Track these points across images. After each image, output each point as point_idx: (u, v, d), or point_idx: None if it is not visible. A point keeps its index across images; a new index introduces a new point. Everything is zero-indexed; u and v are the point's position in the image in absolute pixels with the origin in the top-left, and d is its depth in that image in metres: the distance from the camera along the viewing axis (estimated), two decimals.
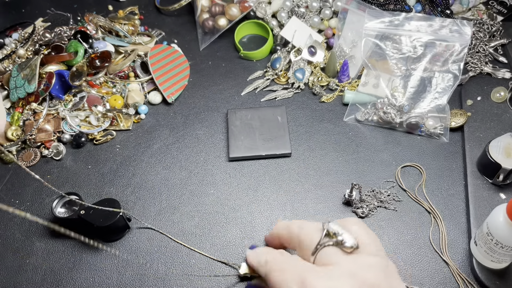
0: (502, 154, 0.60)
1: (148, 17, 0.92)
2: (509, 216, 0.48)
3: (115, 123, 0.74)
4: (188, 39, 0.88)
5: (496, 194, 0.62)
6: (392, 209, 0.62)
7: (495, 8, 0.87)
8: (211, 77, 0.81)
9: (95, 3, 0.95)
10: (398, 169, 0.67)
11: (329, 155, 0.69)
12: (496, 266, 0.54)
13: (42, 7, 0.94)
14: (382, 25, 0.73)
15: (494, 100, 0.73)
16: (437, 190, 0.64)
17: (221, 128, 0.73)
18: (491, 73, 0.77)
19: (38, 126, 0.71)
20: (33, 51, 0.80)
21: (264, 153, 0.68)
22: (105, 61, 0.76)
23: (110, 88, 0.77)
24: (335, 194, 0.64)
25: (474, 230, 0.58)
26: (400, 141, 0.70)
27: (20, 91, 0.73)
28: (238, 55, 0.84)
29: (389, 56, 0.73)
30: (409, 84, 0.72)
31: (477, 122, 0.70)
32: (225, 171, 0.68)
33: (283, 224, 0.44)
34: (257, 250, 0.46)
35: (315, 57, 0.80)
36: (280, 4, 0.84)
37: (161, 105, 0.77)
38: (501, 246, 0.50)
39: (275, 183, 0.66)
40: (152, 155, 0.70)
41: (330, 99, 0.76)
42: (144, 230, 0.62)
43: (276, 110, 0.72)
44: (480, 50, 0.80)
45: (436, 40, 0.71)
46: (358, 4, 0.78)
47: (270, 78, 0.79)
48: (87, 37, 0.78)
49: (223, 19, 0.84)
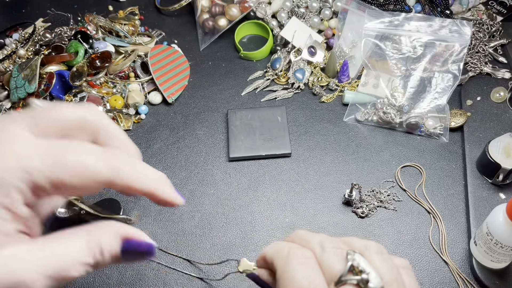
0: (502, 154, 0.60)
1: (148, 18, 0.92)
2: (508, 216, 0.48)
3: (116, 123, 0.74)
4: (188, 39, 0.88)
5: (495, 194, 0.62)
6: (392, 209, 0.62)
7: (494, 8, 0.87)
8: (211, 77, 0.81)
9: (95, 3, 0.95)
10: (398, 169, 0.67)
11: (329, 155, 0.69)
12: (496, 266, 0.54)
13: (42, 7, 0.95)
14: (382, 26, 0.73)
15: (493, 100, 0.73)
16: (437, 190, 0.64)
17: (221, 128, 0.73)
18: (490, 73, 0.77)
19: None
20: (34, 52, 0.80)
21: (264, 153, 0.68)
22: (106, 61, 0.76)
23: (110, 88, 0.77)
24: (335, 194, 0.64)
25: (474, 230, 0.58)
26: (400, 141, 0.70)
27: (20, 91, 0.73)
28: (238, 55, 0.84)
29: (389, 56, 0.73)
30: (409, 84, 0.72)
31: (476, 122, 0.70)
32: (225, 171, 0.68)
33: (301, 235, 0.38)
34: (278, 242, 0.42)
35: (315, 57, 0.80)
36: (280, 4, 0.84)
37: (161, 105, 0.77)
38: (501, 246, 0.50)
39: (275, 183, 0.66)
40: (152, 155, 0.70)
41: (330, 99, 0.76)
42: (144, 230, 0.61)
43: (276, 110, 0.73)
44: (480, 50, 0.80)
45: (435, 40, 0.71)
46: (358, 5, 0.78)
47: (270, 78, 0.79)
48: (88, 38, 0.78)
49: (223, 19, 0.84)
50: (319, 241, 0.34)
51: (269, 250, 0.35)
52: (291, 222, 0.62)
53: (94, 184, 0.29)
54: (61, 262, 0.27)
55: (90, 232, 0.30)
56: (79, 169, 0.27)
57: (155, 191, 0.31)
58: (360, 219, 0.62)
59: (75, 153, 0.28)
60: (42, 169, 0.27)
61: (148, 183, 0.31)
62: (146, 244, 0.32)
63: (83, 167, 0.28)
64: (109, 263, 0.30)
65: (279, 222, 0.62)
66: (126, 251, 0.31)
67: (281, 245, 0.35)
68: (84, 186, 0.28)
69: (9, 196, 0.26)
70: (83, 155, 0.28)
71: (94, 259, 0.29)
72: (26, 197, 0.27)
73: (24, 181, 0.26)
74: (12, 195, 0.26)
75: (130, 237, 0.31)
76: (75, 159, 0.27)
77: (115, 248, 0.30)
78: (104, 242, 0.30)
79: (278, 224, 0.62)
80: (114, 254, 0.30)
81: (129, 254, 0.31)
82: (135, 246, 0.31)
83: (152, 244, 0.32)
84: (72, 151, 0.28)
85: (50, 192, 0.28)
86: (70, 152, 0.28)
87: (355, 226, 0.61)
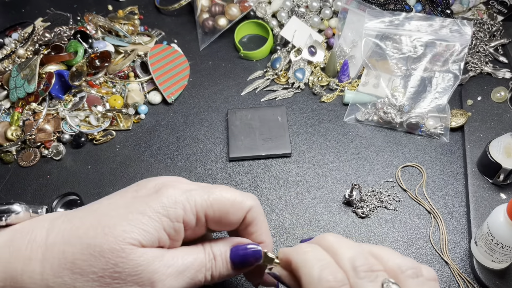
0: (503, 154, 0.60)
1: (148, 17, 0.92)
2: (509, 216, 0.48)
3: (115, 123, 0.74)
4: (188, 39, 0.88)
5: (496, 194, 0.62)
6: (393, 209, 0.62)
7: (495, 8, 0.87)
8: (211, 77, 0.81)
9: (95, 3, 0.95)
10: (398, 169, 0.66)
11: (329, 155, 0.69)
12: (497, 266, 0.54)
13: (41, 7, 0.94)
14: (382, 25, 0.73)
15: (494, 100, 0.73)
16: (438, 190, 0.64)
17: (221, 128, 0.73)
18: (491, 73, 0.77)
19: (38, 126, 0.71)
20: (33, 51, 0.80)
21: (264, 153, 0.68)
22: (105, 61, 0.76)
23: (110, 88, 0.76)
24: (335, 194, 0.64)
25: (475, 230, 0.58)
26: (400, 141, 0.70)
27: (19, 91, 0.73)
28: (238, 55, 0.84)
29: (389, 56, 0.73)
30: (409, 84, 0.72)
31: (477, 122, 0.70)
32: (225, 171, 0.68)
33: (330, 243, 0.35)
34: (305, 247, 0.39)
35: (315, 57, 0.79)
36: (280, 4, 0.84)
37: (161, 105, 0.77)
38: (502, 246, 0.50)
39: (275, 183, 0.66)
40: (152, 155, 0.70)
41: (330, 99, 0.76)
42: None
43: (276, 110, 0.72)
44: (481, 50, 0.80)
45: (436, 40, 0.71)
46: (358, 4, 0.78)
47: (270, 78, 0.79)
48: (87, 37, 0.78)
49: (223, 19, 0.84)
50: (350, 258, 0.32)
51: (299, 260, 0.34)
52: (291, 222, 0.62)
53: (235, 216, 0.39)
54: (193, 266, 0.37)
55: (205, 244, 0.39)
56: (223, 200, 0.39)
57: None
58: (360, 219, 0.61)
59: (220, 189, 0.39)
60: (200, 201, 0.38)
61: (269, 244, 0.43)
62: (252, 248, 0.39)
63: (226, 199, 0.39)
64: (225, 271, 0.38)
65: (279, 222, 0.62)
66: (236, 255, 0.38)
67: (310, 262, 0.33)
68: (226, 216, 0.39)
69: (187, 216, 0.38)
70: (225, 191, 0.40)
71: (210, 263, 0.38)
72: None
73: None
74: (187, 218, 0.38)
75: (239, 243, 0.39)
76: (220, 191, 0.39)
77: (225, 253, 0.38)
78: (215, 249, 0.38)
79: (278, 225, 0.61)
80: (225, 258, 0.38)
81: (238, 258, 0.38)
82: (242, 249, 0.39)
83: (258, 248, 0.38)
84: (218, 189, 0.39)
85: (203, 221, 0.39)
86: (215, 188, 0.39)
87: (355, 227, 0.61)
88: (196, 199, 0.37)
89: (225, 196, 0.39)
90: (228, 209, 0.38)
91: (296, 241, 0.60)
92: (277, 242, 0.60)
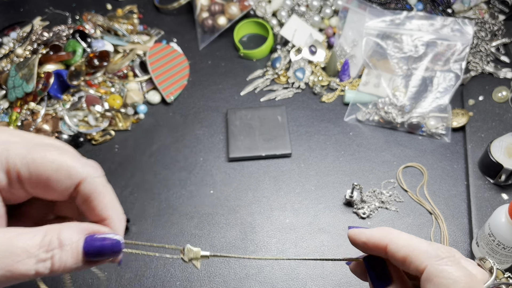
0: (504, 154, 0.60)
1: (147, 16, 0.92)
2: (511, 217, 0.47)
3: (114, 123, 0.73)
4: (188, 38, 0.87)
5: (498, 195, 0.61)
6: (394, 209, 0.62)
7: (496, 7, 0.87)
8: (211, 77, 0.80)
9: (94, 2, 0.94)
10: (400, 169, 0.66)
11: (329, 155, 0.68)
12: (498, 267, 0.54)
13: (40, 6, 0.94)
14: (383, 24, 0.72)
15: (496, 100, 0.72)
16: (439, 191, 0.64)
17: (220, 128, 0.73)
18: (493, 73, 0.76)
19: (36, 126, 0.70)
20: (31, 51, 0.80)
21: (264, 153, 0.67)
22: (104, 60, 0.76)
23: (108, 87, 0.76)
24: (335, 195, 0.64)
25: (476, 230, 0.58)
26: (401, 141, 0.69)
27: (18, 91, 0.73)
28: (237, 54, 0.83)
29: (390, 56, 0.73)
30: (411, 84, 0.72)
31: (478, 122, 0.69)
32: (224, 171, 0.67)
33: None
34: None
35: (316, 56, 0.79)
36: (280, 3, 0.84)
37: (160, 104, 0.77)
38: (503, 247, 0.50)
39: (275, 184, 0.65)
40: (151, 155, 0.70)
41: (331, 99, 0.76)
42: (143, 231, 0.61)
43: (276, 110, 0.72)
44: (482, 49, 0.80)
45: (437, 39, 0.71)
46: (359, 3, 0.78)
47: (270, 77, 0.79)
48: (86, 36, 0.77)
49: (223, 18, 0.84)
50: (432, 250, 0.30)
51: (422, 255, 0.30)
52: (291, 223, 0.61)
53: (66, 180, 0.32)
54: (7, 252, 0.26)
55: (51, 226, 0.29)
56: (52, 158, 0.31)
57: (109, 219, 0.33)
58: (361, 220, 0.61)
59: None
60: (21, 153, 0.30)
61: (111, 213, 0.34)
62: (111, 239, 0.31)
63: (57, 160, 0.32)
64: (73, 264, 0.29)
65: (279, 223, 0.61)
66: (90, 246, 0.30)
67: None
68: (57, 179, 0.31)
69: None
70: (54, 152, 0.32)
71: (50, 253, 0.28)
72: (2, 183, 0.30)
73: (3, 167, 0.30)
74: None
75: (95, 232, 0.31)
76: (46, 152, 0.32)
77: (77, 243, 0.29)
78: (65, 236, 0.29)
79: (278, 225, 0.61)
80: (76, 249, 0.29)
81: (93, 249, 0.30)
82: (100, 240, 0.30)
83: (118, 240, 0.31)
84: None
85: (26, 182, 0.30)
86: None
87: None
88: (9, 154, 0.30)
89: (48, 158, 0.31)
90: (49, 174, 0.31)
91: (296, 241, 0.59)
92: (277, 242, 0.60)
